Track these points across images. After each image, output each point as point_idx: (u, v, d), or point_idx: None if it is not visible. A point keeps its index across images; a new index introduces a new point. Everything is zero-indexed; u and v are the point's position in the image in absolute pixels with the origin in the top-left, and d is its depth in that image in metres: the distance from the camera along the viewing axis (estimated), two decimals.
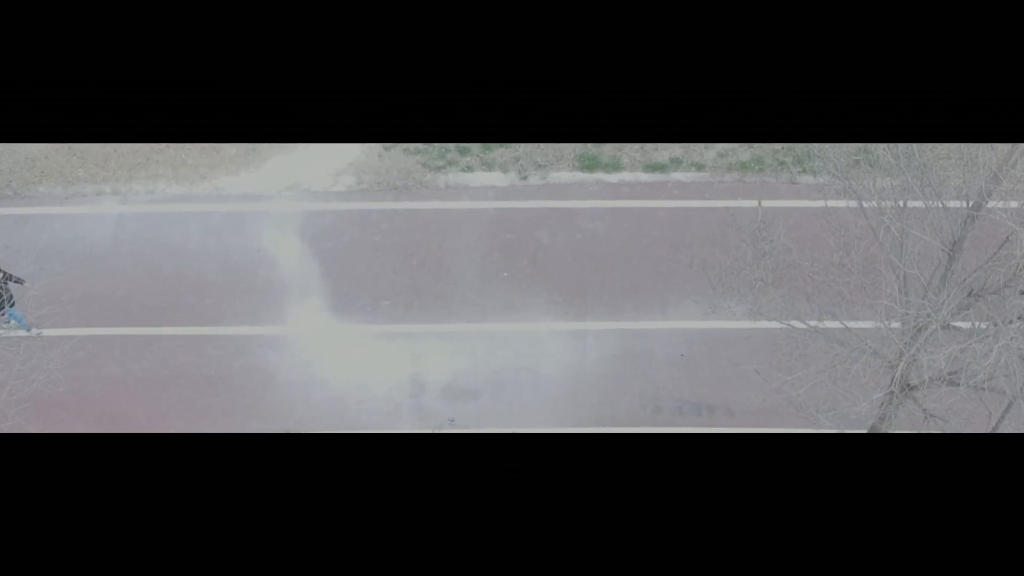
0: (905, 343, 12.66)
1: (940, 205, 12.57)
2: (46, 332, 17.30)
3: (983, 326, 12.16)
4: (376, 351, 17.26)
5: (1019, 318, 11.89)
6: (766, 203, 17.58)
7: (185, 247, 18.08)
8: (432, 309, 17.56)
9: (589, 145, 18.83)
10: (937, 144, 14.77)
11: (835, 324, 13.46)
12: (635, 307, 17.51)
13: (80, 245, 18.09)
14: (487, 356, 17.17)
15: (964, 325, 12.92)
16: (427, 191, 18.59)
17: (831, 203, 13.79)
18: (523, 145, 18.90)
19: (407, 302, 17.63)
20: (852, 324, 13.59)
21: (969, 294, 12.67)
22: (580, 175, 18.77)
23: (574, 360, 17.14)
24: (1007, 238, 12.67)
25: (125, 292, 17.68)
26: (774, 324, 13.56)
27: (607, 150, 18.92)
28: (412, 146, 18.99)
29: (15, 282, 16.55)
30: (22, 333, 17.25)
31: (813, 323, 13.53)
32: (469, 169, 18.89)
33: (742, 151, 18.87)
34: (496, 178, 18.79)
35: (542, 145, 18.81)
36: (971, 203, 12.18)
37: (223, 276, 17.84)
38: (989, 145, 12.21)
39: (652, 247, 18.00)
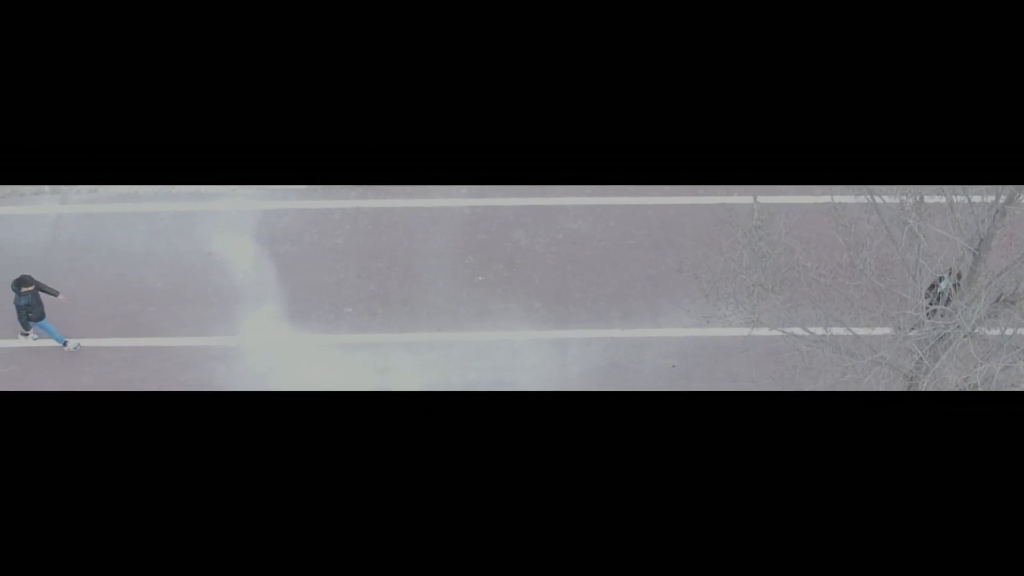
0: (925, 353, 11.69)
1: (965, 199, 11.61)
2: None
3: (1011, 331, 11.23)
4: (338, 363, 16.43)
5: None
6: (764, 198, 16.61)
7: (129, 251, 17.19)
8: (399, 317, 16.73)
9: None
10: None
11: (843, 332, 12.56)
12: (622, 314, 16.75)
13: (14, 249, 17.14)
14: (460, 368, 16.33)
15: (991, 332, 12.03)
16: (394, 188, 17.82)
17: (838, 198, 12.98)
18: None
19: (372, 309, 16.80)
20: (862, 332, 12.84)
21: (998, 299, 11.68)
22: None
23: (555, 372, 16.33)
24: None
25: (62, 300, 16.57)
26: (775, 332, 12.71)
27: None
28: None
29: (49, 293, 15.83)
30: (57, 345, 16.36)
31: (819, 331, 12.69)
32: None
33: None
34: None
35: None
36: (1003, 198, 11.14)
37: (170, 282, 16.95)
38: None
39: (640, 248, 17.25)
